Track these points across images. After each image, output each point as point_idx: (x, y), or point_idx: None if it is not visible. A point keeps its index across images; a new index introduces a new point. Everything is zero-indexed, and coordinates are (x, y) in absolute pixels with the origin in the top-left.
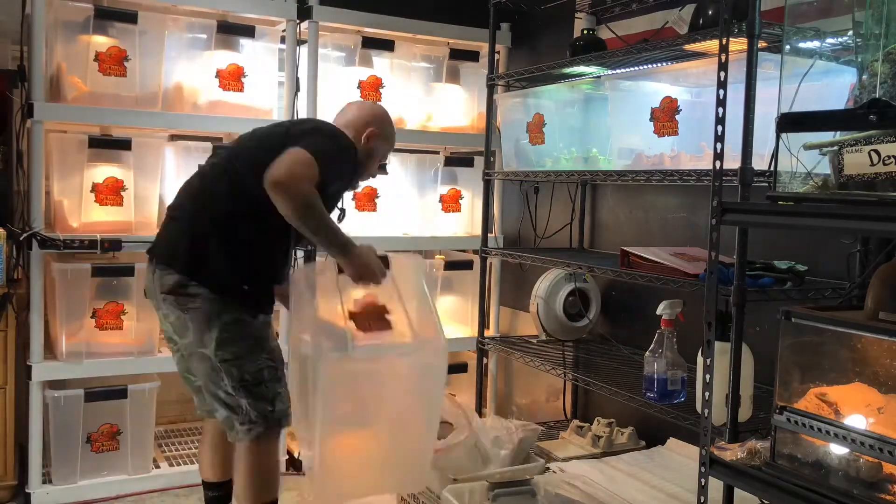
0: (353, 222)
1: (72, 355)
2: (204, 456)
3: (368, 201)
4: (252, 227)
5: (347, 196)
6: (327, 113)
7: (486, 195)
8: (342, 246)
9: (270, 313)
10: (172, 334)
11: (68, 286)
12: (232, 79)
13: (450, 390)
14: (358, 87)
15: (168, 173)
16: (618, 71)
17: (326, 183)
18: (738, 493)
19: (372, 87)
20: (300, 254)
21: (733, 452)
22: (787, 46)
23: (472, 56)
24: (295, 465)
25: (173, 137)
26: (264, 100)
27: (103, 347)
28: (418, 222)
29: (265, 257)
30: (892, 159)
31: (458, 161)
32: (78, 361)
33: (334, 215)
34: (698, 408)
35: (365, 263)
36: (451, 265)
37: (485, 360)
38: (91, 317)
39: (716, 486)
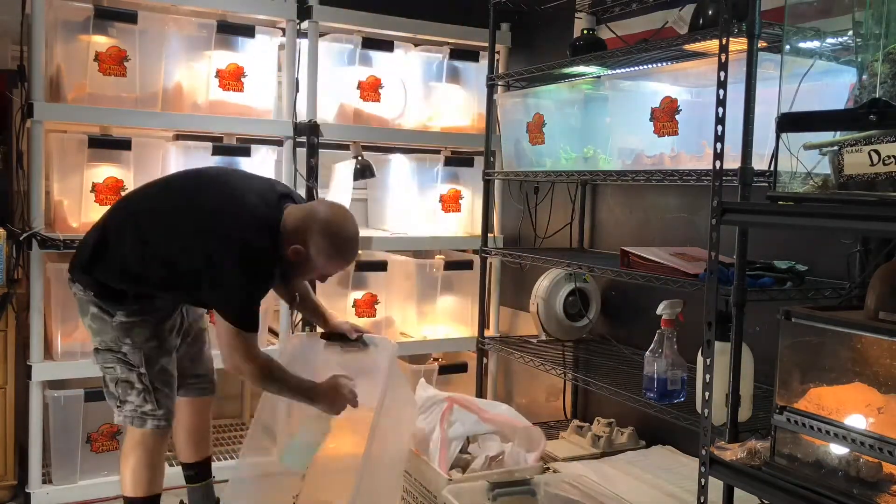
0: None
1: (67, 355)
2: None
3: None
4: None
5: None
6: (326, 113)
7: (486, 195)
8: (306, 395)
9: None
10: None
11: (63, 286)
12: (232, 79)
13: (450, 391)
14: (357, 88)
15: (168, 173)
16: (618, 71)
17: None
18: (738, 493)
19: (371, 88)
20: None
21: (733, 452)
22: (787, 46)
23: (472, 56)
24: None
25: (173, 137)
26: (264, 100)
27: None
28: (418, 222)
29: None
30: (892, 159)
31: (458, 161)
32: (73, 361)
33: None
34: (698, 408)
35: (333, 399)
36: (451, 265)
37: (485, 360)
38: None
39: (716, 486)
